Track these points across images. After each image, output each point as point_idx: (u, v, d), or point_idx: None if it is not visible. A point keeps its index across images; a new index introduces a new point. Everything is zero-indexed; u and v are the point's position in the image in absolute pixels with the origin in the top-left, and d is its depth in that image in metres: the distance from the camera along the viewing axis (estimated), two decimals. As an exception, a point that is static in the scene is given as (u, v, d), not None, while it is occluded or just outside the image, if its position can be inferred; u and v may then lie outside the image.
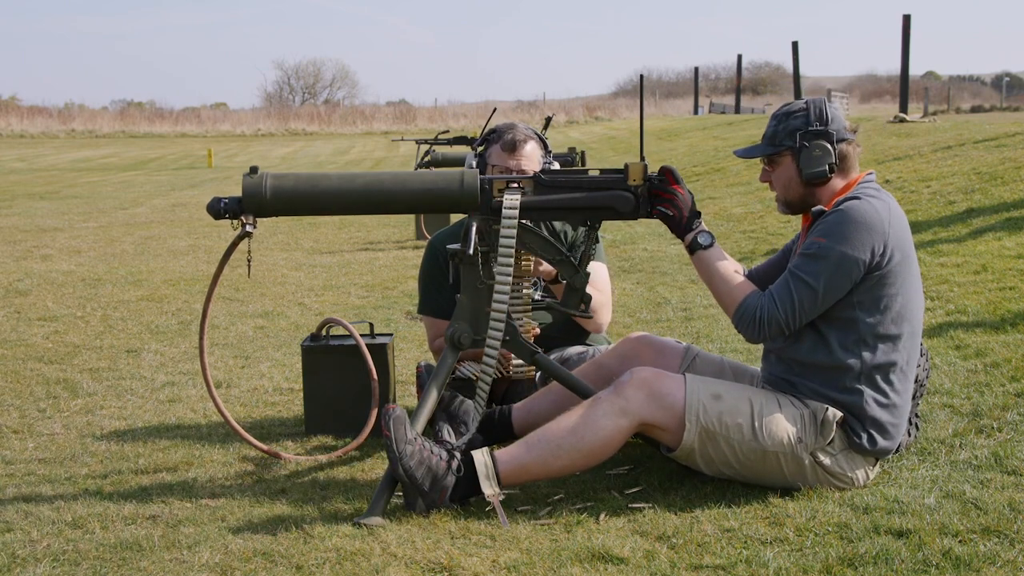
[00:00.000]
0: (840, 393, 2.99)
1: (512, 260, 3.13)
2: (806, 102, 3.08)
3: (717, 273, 3.09)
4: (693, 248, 3.12)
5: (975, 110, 23.63)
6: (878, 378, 2.99)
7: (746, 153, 3.19)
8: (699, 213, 3.13)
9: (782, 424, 2.97)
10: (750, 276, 3.25)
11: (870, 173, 3.11)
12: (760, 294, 3.02)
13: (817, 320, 3.01)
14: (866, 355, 2.98)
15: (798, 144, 3.03)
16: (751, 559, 2.58)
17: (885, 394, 3.00)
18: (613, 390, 3.00)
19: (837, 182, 3.08)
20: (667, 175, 3.15)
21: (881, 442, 3.00)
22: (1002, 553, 2.55)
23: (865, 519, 2.77)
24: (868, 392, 2.99)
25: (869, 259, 2.93)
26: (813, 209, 3.06)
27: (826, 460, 2.98)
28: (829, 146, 3.02)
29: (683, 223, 3.12)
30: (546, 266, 3.53)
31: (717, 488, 3.07)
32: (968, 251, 6.23)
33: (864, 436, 2.99)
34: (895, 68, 21.50)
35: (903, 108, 17.36)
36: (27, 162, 23.74)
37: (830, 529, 2.73)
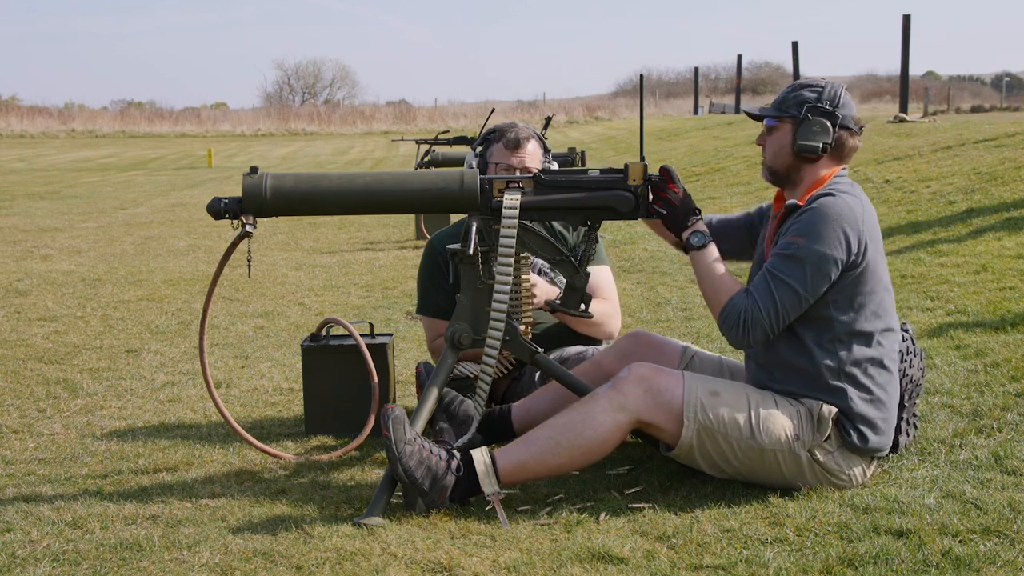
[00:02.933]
0: (824, 393, 3.00)
1: (512, 260, 3.13)
2: (825, 81, 3.10)
3: (707, 273, 3.09)
4: (687, 248, 3.14)
5: (975, 110, 23.60)
6: (858, 375, 3.00)
7: (755, 111, 3.23)
8: (697, 211, 3.14)
9: (779, 421, 2.97)
10: (709, 224, 3.31)
11: (844, 168, 3.11)
12: (744, 295, 3.01)
13: (803, 336, 3.01)
14: (843, 353, 2.99)
15: (801, 115, 3.04)
16: (751, 559, 2.58)
17: (869, 390, 3.01)
18: (611, 386, 3.00)
19: (824, 166, 3.07)
20: (664, 175, 3.16)
21: (873, 438, 3.00)
22: (1002, 553, 2.55)
23: (865, 519, 2.77)
24: (851, 390, 2.99)
25: (846, 257, 2.94)
26: (787, 203, 3.07)
27: (823, 457, 2.99)
28: (830, 127, 3.03)
29: (677, 222, 3.14)
30: (541, 296, 3.53)
31: (717, 488, 3.07)
32: (968, 251, 6.22)
33: (854, 434, 2.99)
34: (895, 68, 21.51)
35: (903, 108, 17.36)
36: (27, 162, 23.73)
37: (830, 529, 2.73)
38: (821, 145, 3.02)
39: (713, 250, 3.12)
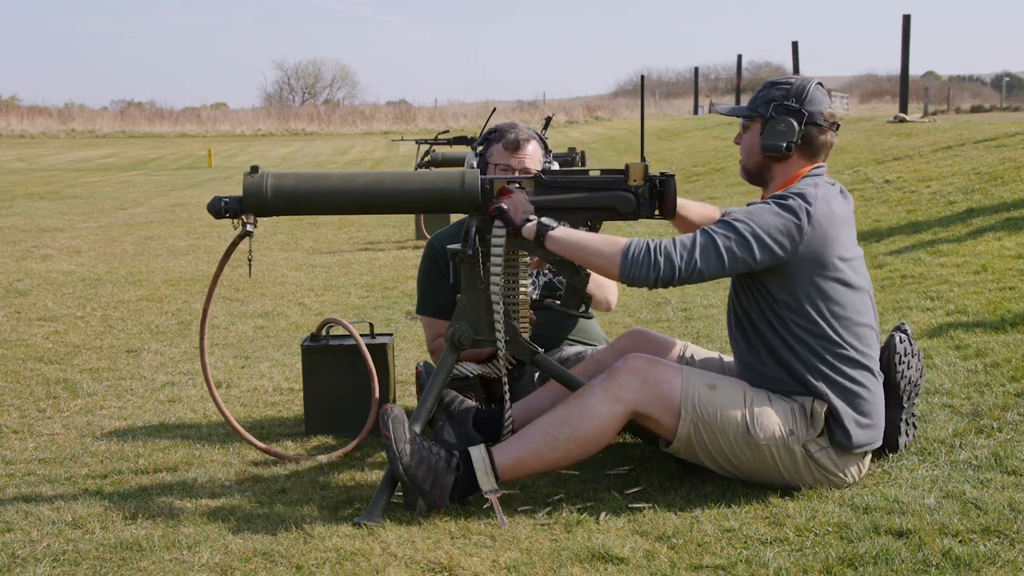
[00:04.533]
0: (807, 397, 3.00)
1: (502, 260, 3.12)
2: (795, 78, 3.09)
3: (584, 236, 3.01)
4: (542, 232, 3.03)
5: (975, 110, 23.62)
6: (833, 375, 2.99)
7: (726, 110, 3.23)
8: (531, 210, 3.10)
9: (773, 417, 2.98)
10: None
11: (818, 165, 3.09)
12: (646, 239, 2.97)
13: (768, 337, 3.02)
14: (815, 356, 2.98)
15: (768, 114, 3.04)
16: (751, 559, 2.58)
17: (846, 388, 3.00)
18: (606, 377, 2.99)
19: (795, 165, 3.07)
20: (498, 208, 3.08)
21: (858, 435, 3.00)
22: (1002, 553, 2.55)
23: (865, 519, 2.77)
24: (828, 389, 2.98)
25: (788, 245, 2.93)
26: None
27: (817, 453, 2.99)
28: (796, 125, 3.02)
29: (520, 220, 3.07)
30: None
31: (717, 488, 3.07)
32: (968, 251, 6.22)
33: (839, 432, 2.99)
34: (895, 68, 21.51)
35: (903, 108, 17.36)
36: (27, 162, 23.73)
37: (830, 529, 2.72)
38: (785, 144, 3.02)
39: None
